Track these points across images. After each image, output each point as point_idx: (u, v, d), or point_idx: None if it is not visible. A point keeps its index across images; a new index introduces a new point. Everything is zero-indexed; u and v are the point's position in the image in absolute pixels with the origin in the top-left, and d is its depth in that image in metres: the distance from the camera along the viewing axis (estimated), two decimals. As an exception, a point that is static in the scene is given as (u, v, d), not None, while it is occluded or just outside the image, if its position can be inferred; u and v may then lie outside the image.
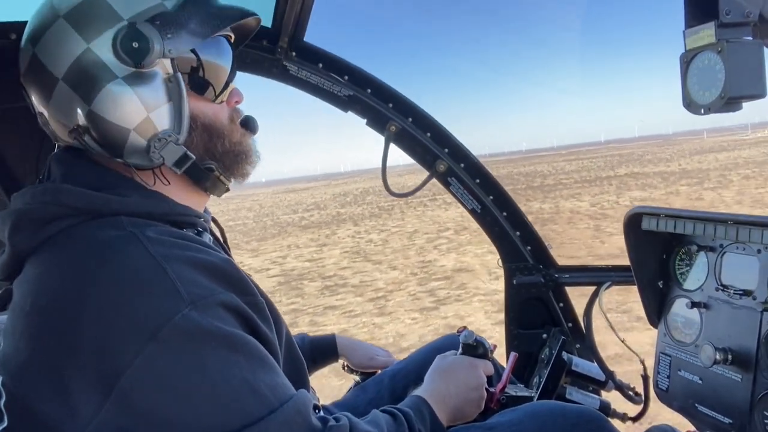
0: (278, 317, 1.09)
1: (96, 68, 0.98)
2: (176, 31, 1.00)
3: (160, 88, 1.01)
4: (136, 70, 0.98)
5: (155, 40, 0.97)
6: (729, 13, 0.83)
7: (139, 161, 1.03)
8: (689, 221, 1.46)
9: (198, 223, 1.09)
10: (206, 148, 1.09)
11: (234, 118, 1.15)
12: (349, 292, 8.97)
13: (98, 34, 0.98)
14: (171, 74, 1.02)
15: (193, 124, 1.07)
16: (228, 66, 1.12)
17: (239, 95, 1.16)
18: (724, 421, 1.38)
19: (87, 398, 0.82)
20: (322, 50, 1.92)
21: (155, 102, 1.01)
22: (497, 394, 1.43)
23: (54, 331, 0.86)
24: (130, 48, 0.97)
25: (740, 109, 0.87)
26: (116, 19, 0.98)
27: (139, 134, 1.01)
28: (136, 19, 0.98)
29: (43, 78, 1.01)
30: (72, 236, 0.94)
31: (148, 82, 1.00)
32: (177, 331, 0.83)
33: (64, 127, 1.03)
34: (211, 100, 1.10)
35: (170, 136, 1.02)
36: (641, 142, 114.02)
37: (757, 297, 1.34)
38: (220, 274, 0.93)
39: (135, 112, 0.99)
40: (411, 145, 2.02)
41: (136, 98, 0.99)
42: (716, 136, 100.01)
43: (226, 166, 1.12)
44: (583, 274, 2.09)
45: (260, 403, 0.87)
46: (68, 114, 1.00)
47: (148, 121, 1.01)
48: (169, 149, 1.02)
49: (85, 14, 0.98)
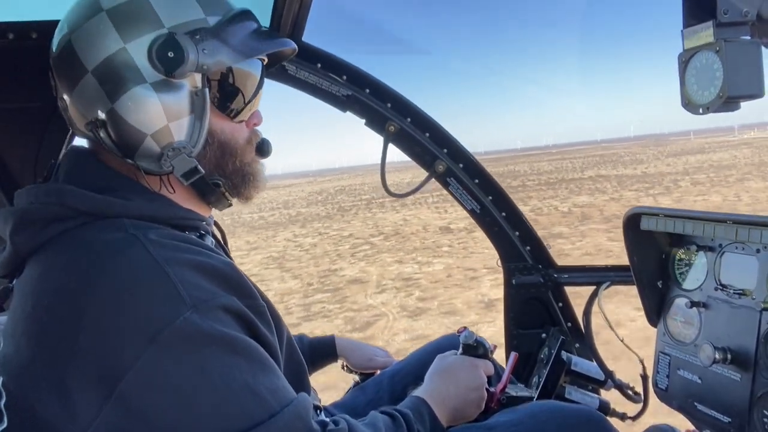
0: (279, 320, 1.08)
1: (127, 69, 0.98)
2: (213, 48, 1.01)
3: (185, 100, 1.02)
4: (166, 78, 0.99)
5: (191, 53, 0.98)
6: (727, 13, 0.83)
7: (148, 166, 1.03)
8: (688, 221, 1.46)
9: (200, 226, 1.09)
10: (217, 164, 1.10)
11: (251, 140, 1.15)
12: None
13: (136, 37, 0.98)
14: (198, 88, 1.03)
15: (210, 139, 1.07)
16: (254, 88, 1.13)
17: (259, 117, 1.17)
18: (723, 420, 1.38)
19: (87, 400, 0.82)
20: (321, 50, 1.92)
21: (177, 112, 1.01)
22: (497, 394, 1.44)
23: (55, 333, 0.85)
24: (165, 56, 0.97)
25: (738, 109, 0.87)
26: (157, 26, 0.99)
27: (155, 141, 1.01)
28: (177, 29, 0.99)
29: (73, 66, 1.01)
30: (74, 238, 0.94)
31: (175, 92, 1.01)
32: (178, 335, 0.83)
33: (82, 117, 1.03)
34: (231, 118, 1.11)
35: (184, 147, 1.03)
36: (633, 142, 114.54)
37: (756, 296, 1.34)
38: (222, 278, 0.92)
39: (155, 119, 1.00)
40: (410, 146, 2.02)
41: (160, 106, 1.00)
42: (703, 137, 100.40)
43: (234, 184, 1.13)
44: (583, 274, 2.09)
45: (261, 407, 0.87)
46: (89, 106, 1.01)
47: (167, 129, 1.01)
48: (180, 160, 1.03)
49: (127, 14, 0.99)
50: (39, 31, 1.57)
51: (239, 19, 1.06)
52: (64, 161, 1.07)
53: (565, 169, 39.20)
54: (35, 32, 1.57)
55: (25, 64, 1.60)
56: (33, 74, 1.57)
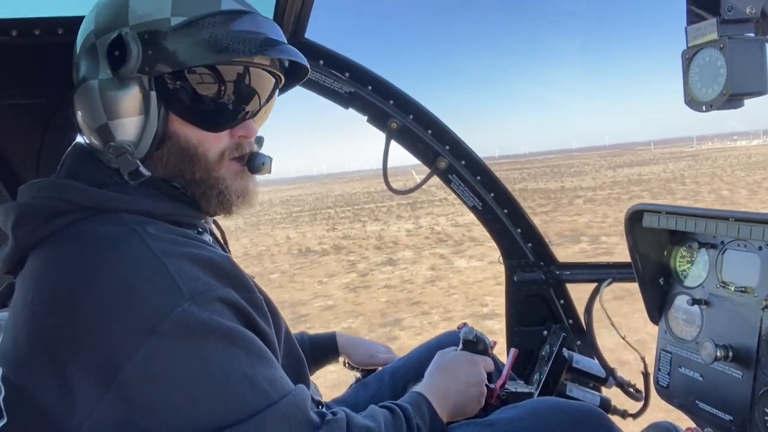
0: (276, 314, 1.09)
1: (89, 64, 1.02)
2: (160, 50, 0.98)
3: (134, 100, 1.00)
4: (113, 77, 1.00)
5: (133, 54, 0.97)
6: (731, 10, 0.83)
7: (104, 159, 1.05)
8: (690, 218, 1.46)
9: (198, 223, 1.10)
10: (174, 170, 1.05)
11: (229, 153, 1.07)
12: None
13: (105, 33, 1.01)
14: (146, 89, 1.00)
15: (169, 143, 1.03)
16: (233, 97, 1.05)
17: (247, 130, 1.09)
18: (724, 418, 1.38)
19: (87, 391, 0.83)
20: (323, 47, 1.92)
21: (119, 112, 1.00)
22: (497, 391, 1.44)
23: (55, 324, 0.86)
24: (112, 54, 0.98)
25: (742, 106, 0.86)
26: (123, 24, 1.00)
27: (98, 138, 1.04)
28: (136, 28, 0.99)
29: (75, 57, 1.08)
30: (74, 231, 0.95)
31: (121, 90, 1.00)
32: (176, 325, 0.84)
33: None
34: (199, 127, 1.04)
35: (125, 148, 1.01)
36: (607, 151, 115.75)
37: (758, 294, 1.34)
38: (219, 270, 0.93)
39: (97, 116, 1.02)
40: (412, 143, 2.02)
41: (100, 104, 1.01)
42: (662, 147, 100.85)
43: (195, 195, 1.06)
44: (584, 271, 2.09)
45: (259, 397, 0.88)
46: (77, 102, 1.07)
47: (106, 128, 1.02)
48: (124, 160, 1.01)
49: (107, 9, 1.03)
50: (42, 28, 1.57)
51: (202, 24, 0.99)
52: (67, 158, 1.08)
53: (503, 180, 40.53)
54: (38, 29, 1.57)
55: (28, 61, 1.61)
56: (36, 71, 1.57)
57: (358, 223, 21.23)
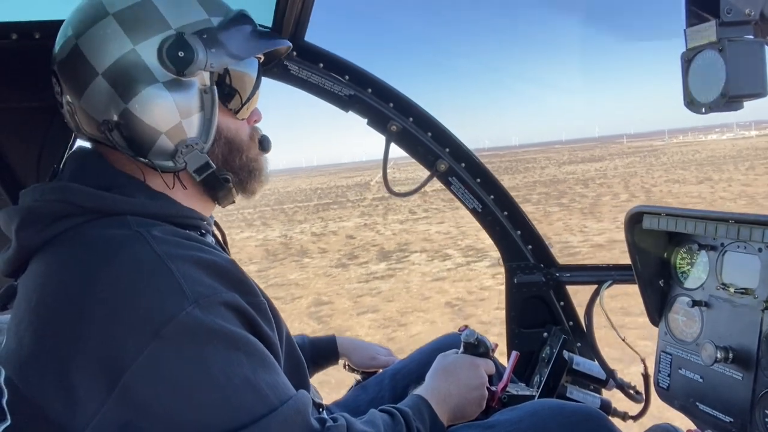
0: (279, 318, 1.09)
1: (138, 70, 1.01)
2: (219, 47, 1.05)
3: (195, 98, 1.05)
4: (177, 77, 1.02)
5: (200, 53, 1.02)
6: (730, 12, 0.83)
7: (163, 163, 1.05)
8: (690, 220, 1.46)
9: (201, 225, 1.10)
10: (225, 160, 1.13)
11: (253, 136, 1.19)
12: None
13: (145, 38, 1.01)
14: (207, 86, 1.06)
15: (217, 136, 1.10)
16: (251, 86, 1.16)
17: (259, 115, 1.22)
18: (725, 420, 1.38)
19: (90, 393, 0.83)
20: (323, 50, 1.92)
21: (189, 110, 1.05)
22: (498, 393, 1.44)
23: (59, 327, 0.86)
24: (176, 56, 1.01)
25: (741, 108, 0.87)
26: (165, 27, 1.02)
27: (169, 138, 1.04)
28: (184, 30, 1.03)
29: (83, 70, 1.02)
30: (78, 234, 0.95)
31: (186, 90, 1.04)
32: (180, 329, 0.84)
33: (91, 120, 1.04)
34: (234, 115, 1.14)
35: (197, 144, 1.06)
36: (595, 143, 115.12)
37: (758, 295, 1.34)
38: (223, 274, 0.94)
39: (169, 117, 1.03)
40: (412, 145, 2.02)
41: (173, 104, 1.03)
42: (635, 140, 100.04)
43: (240, 179, 1.16)
44: (584, 273, 2.09)
45: (261, 402, 0.88)
46: (101, 108, 1.02)
47: (180, 127, 1.04)
48: (193, 156, 1.06)
49: (135, 16, 1.02)
50: (42, 30, 1.57)
51: (238, 20, 1.10)
52: (69, 161, 1.08)
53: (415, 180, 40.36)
54: (38, 32, 1.57)
55: (28, 64, 1.61)
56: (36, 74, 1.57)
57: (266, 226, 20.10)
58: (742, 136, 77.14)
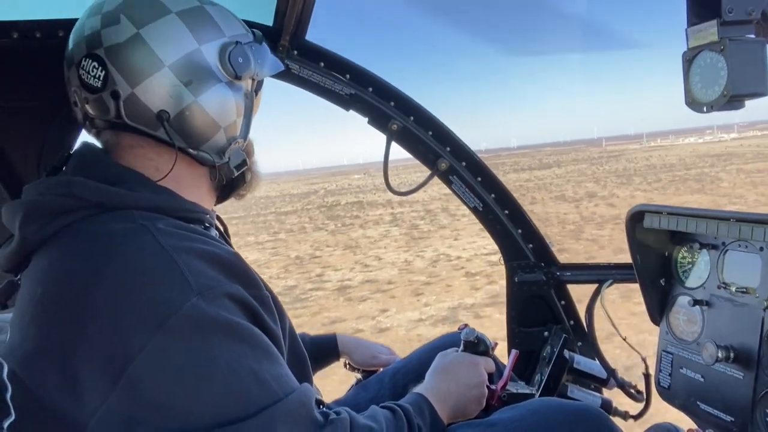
0: (282, 311, 1.10)
1: (204, 68, 1.07)
2: (260, 59, 1.16)
3: (244, 101, 1.15)
4: (234, 80, 1.11)
5: (253, 61, 1.13)
6: (731, 11, 0.83)
7: (209, 156, 1.12)
8: (691, 219, 1.46)
9: (205, 219, 1.12)
10: (248, 158, 1.22)
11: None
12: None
13: (207, 41, 1.09)
14: (249, 91, 1.17)
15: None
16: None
17: None
18: (726, 419, 1.38)
19: (95, 386, 0.84)
20: (324, 49, 1.92)
21: (242, 110, 1.15)
22: (498, 392, 1.44)
23: (63, 320, 0.87)
24: (237, 61, 1.10)
25: (743, 108, 0.87)
26: (221, 34, 1.11)
27: (225, 133, 1.13)
28: (236, 39, 1.12)
29: (147, 59, 1.03)
30: (83, 228, 0.96)
31: (239, 92, 1.14)
32: (185, 321, 0.85)
33: (144, 109, 1.04)
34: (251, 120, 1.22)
35: (239, 141, 1.16)
36: (587, 145, 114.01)
37: (759, 294, 1.34)
38: (227, 267, 0.94)
39: (230, 114, 1.12)
40: (413, 144, 2.02)
41: (233, 103, 1.12)
42: (613, 143, 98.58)
43: (250, 178, 1.26)
44: (585, 272, 2.09)
45: (266, 393, 0.88)
46: (161, 98, 1.05)
47: (235, 124, 1.14)
48: (236, 152, 1.16)
49: (197, 19, 1.09)
50: (43, 30, 1.57)
51: (263, 39, 1.21)
52: (74, 157, 1.09)
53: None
54: (39, 31, 1.57)
55: (29, 62, 1.61)
56: (37, 73, 1.57)
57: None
58: (718, 140, 76.52)
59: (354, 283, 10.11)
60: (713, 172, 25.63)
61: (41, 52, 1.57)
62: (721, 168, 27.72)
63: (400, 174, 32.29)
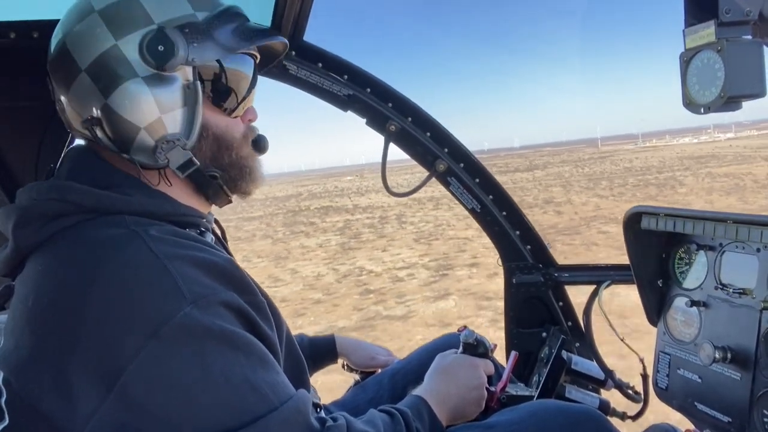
0: (278, 317, 1.09)
1: (119, 65, 1.00)
2: (202, 41, 1.03)
3: (177, 93, 1.04)
4: (157, 72, 1.01)
5: (180, 47, 1.00)
6: (729, 12, 0.83)
7: (144, 160, 1.04)
8: (689, 220, 1.46)
9: (200, 223, 1.09)
10: (213, 156, 1.11)
11: (247, 135, 1.18)
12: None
13: (127, 33, 1.01)
14: (190, 81, 1.05)
15: (205, 133, 1.09)
16: (247, 84, 1.15)
17: (254, 114, 1.20)
18: (723, 420, 1.38)
19: (88, 394, 0.83)
20: (322, 50, 1.92)
21: (169, 105, 1.03)
22: (497, 394, 1.44)
23: (56, 327, 0.86)
24: (156, 50, 0.99)
25: (740, 108, 0.87)
26: (148, 22, 1.02)
27: (149, 133, 1.03)
28: (167, 24, 1.02)
29: (68, 67, 1.03)
30: (75, 233, 0.95)
31: (167, 85, 1.02)
32: (178, 329, 0.84)
33: (78, 117, 1.05)
34: (225, 112, 1.13)
35: (178, 140, 1.04)
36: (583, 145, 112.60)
37: (756, 296, 1.34)
38: (222, 274, 0.93)
39: (148, 112, 1.02)
40: (410, 145, 2.02)
41: (152, 99, 1.01)
42: (608, 144, 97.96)
43: (231, 177, 1.14)
44: (583, 273, 2.09)
45: (261, 402, 0.87)
46: (85, 105, 1.03)
47: (159, 122, 1.03)
48: (175, 152, 1.04)
49: (118, 12, 1.02)
50: (40, 30, 1.57)
51: (227, 15, 1.08)
52: (66, 160, 1.08)
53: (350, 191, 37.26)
54: (36, 31, 1.57)
55: (26, 63, 1.60)
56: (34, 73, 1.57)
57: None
58: (713, 140, 76.06)
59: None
60: (682, 177, 25.08)
61: (39, 52, 1.56)
62: (693, 172, 27.21)
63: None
